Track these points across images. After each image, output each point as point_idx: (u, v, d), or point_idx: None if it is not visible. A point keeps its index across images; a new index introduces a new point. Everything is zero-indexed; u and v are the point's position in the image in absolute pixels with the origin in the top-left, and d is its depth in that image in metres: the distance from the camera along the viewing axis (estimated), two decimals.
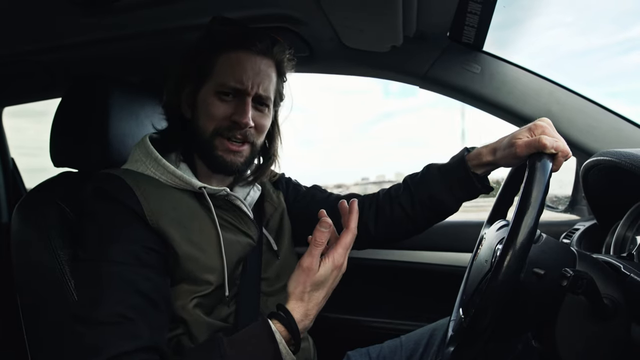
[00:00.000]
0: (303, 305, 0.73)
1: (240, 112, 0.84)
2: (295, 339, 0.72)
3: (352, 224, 0.77)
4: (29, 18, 1.03)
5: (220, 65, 0.85)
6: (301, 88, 1.12)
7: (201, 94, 0.87)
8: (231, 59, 0.85)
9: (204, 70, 0.86)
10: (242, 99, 0.85)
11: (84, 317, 0.68)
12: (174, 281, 0.78)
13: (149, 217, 0.76)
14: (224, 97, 0.85)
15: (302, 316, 0.73)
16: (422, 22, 1.12)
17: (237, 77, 0.84)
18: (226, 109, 0.85)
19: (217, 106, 0.85)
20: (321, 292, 0.74)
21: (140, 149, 0.86)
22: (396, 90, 14.86)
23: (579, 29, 5.12)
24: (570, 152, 0.76)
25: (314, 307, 0.74)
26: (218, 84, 0.85)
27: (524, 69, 1.22)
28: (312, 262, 0.73)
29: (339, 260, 0.75)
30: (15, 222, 0.92)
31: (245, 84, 0.85)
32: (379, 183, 3.51)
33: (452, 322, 0.85)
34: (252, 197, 0.96)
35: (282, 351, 0.70)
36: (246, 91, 0.85)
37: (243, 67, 0.85)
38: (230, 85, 0.84)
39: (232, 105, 0.85)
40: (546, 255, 0.67)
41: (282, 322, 0.72)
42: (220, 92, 0.85)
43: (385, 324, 1.48)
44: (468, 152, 0.91)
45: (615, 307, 0.61)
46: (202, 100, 0.86)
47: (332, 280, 0.75)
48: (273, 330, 0.70)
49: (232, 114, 0.85)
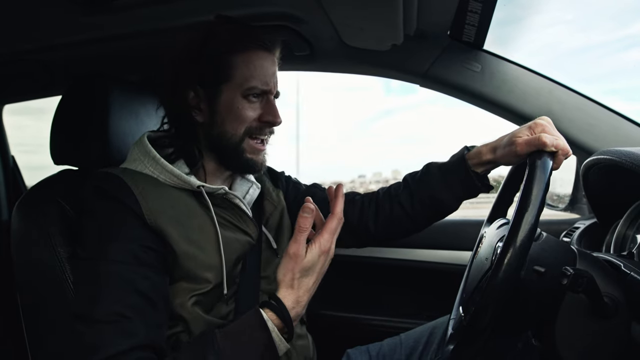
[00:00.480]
0: (294, 292, 0.73)
1: (271, 112, 0.86)
2: (288, 327, 0.72)
3: (337, 208, 0.76)
4: (28, 17, 1.02)
5: (241, 66, 0.83)
6: (300, 85, 1.12)
7: (224, 98, 0.84)
8: (251, 59, 0.84)
9: (220, 73, 0.83)
10: (267, 98, 0.87)
11: (82, 316, 0.68)
12: (173, 279, 0.78)
13: (148, 216, 0.76)
14: (252, 99, 0.85)
15: (293, 303, 0.73)
16: (423, 21, 1.12)
17: (262, 78, 0.84)
18: (255, 110, 0.85)
19: (246, 108, 0.84)
20: (310, 278, 0.74)
21: (139, 148, 0.86)
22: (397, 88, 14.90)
23: (579, 26, 5.13)
24: (570, 150, 0.76)
25: (304, 293, 0.74)
26: (245, 87, 0.83)
27: (525, 67, 1.22)
28: (299, 248, 0.72)
29: (326, 245, 0.74)
30: (15, 220, 0.92)
31: (270, 85, 0.86)
32: (375, 181, 3.52)
33: (452, 321, 0.85)
34: (251, 195, 0.96)
35: (275, 339, 0.70)
36: (270, 90, 0.86)
37: (264, 67, 0.85)
38: (258, 87, 0.84)
39: (259, 106, 0.86)
40: (546, 253, 0.67)
41: (273, 310, 0.72)
42: (248, 94, 0.84)
43: (385, 322, 1.49)
44: (468, 150, 0.91)
45: (615, 306, 0.62)
46: (226, 103, 0.84)
47: (321, 265, 0.75)
48: (265, 319, 0.70)
49: (261, 114, 0.86)
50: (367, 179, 3.54)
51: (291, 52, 1.25)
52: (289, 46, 1.22)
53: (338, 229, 0.76)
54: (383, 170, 6.66)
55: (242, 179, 0.97)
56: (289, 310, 0.72)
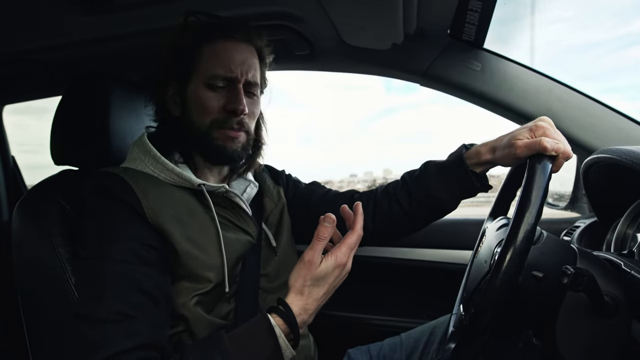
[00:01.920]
0: (302, 299, 0.73)
1: (235, 100, 0.85)
2: (295, 333, 0.72)
3: (357, 225, 0.76)
4: (28, 17, 1.03)
5: (206, 57, 0.85)
6: (298, 84, 1.12)
7: (190, 90, 0.86)
8: (216, 50, 0.85)
9: (189, 66, 0.86)
10: (233, 87, 0.86)
11: (85, 315, 0.68)
12: (174, 279, 0.78)
13: (149, 215, 0.76)
14: (215, 88, 0.85)
15: (300, 309, 0.72)
16: (423, 20, 1.12)
17: (225, 66, 0.84)
18: (219, 99, 0.85)
19: (209, 98, 0.85)
20: (321, 288, 0.74)
21: (139, 147, 0.86)
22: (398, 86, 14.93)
23: (578, 23, 5.09)
24: (571, 153, 0.74)
25: (313, 302, 0.74)
26: (208, 76, 0.84)
27: (525, 66, 1.22)
28: (314, 255, 0.72)
29: (342, 259, 0.74)
30: (15, 220, 0.92)
31: (235, 71, 0.85)
32: (363, 181, 3.51)
33: (453, 320, 0.85)
34: (249, 194, 0.96)
35: (282, 345, 0.70)
36: (237, 79, 0.85)
37: (230, 55, 0.85)
38: (221, 74, 0.84)
39: (224, 96, 0.85)
40: (545, 257, 0.67)
41: (281, 315, 0.72)
42: (211, 84, 0.85)
43: (385, 322, 1.49)
44: (466, 149, 0.91)
45: (615, 305, 0.61)
46: (192, 95, 0.86)
47: (334, 278, 0.74)
48: (272, 325, 0.70)
49: (226, 103, 0.85)
50: (357, 178, 3.53)
51: (291, 51, 1.25)
52: (289, 45, 1.22)
53: (356, 245, 0.76)
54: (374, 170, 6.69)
55: (239, 177, 0.97)
56: (296, 317, 0.72)
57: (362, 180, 3.72)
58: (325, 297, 0.75)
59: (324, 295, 0.74)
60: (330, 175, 1.26)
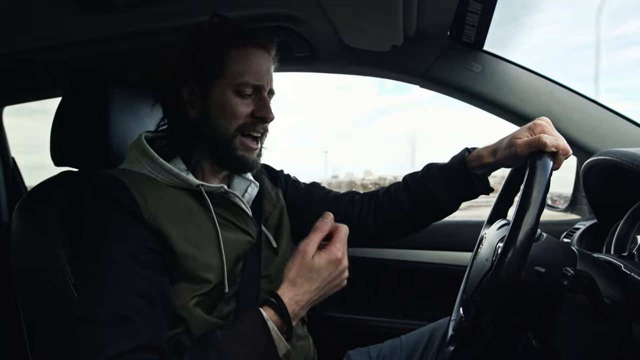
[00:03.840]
0: (294, 290, 0.74)
1: (264, 108, 0.86)
2: (287, 325, 0.73)
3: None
4: (29, 17, 1.03)
5: (233, 62, 0.84)
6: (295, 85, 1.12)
7: (216, 94, 0.85)
8: (244, 56, 0.85)
9: (214, 69, 0.85)
10: (260, 94, 0.87)
11: (83, 318, 0.68)
12: (173, 280, 0.78)
13: (147, 216, 0.76)
14: (245, 95, 0.85)
15: (291, 300, 0.73)
16: (423, 22, 1.12)
17: (255, 74, 0.85)
18: (247, 106, 0.86)
19: (239, 104, 0.85)
20: (314, 281, 0.74)
21: (136, 149, 0.86)
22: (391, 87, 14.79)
23: (573, 24, 5.08)
24: (570, 151, 0.76)
25: (304, 294, 0.74)
26: (237, 82, 0.84)
27: (525, 68, 1.23)
28: (309, 245, 0.74)
29: (336, 253, 0.75)
30: (15, 221, 0.92)
31: (262, 81, 0.86)
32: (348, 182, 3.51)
33: (453, 322, 0.84)
34: (250, 194, 0.96)
35: (275, 338, 0.71)
36: (263, 87, 0.87)
37: (259, 64, 0.86)
38: (251, 83, 0.85)
39: (251, 102, 0.86)
40: (547, 254, 0.67)
41: (273, 308, 0.72)
42: (240, 90, 0.85)
43: (385, 324, 1.48)
44: (469, 152, 0.91)
45: (615, 307, 0.61)
46: (218, 99, 0.85)
47: (328, 273, 0.75)
48: (265, 318, 0.71)
49: (255, 110, 0.86)
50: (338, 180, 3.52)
51: (291, 52, 1.25)
52: (289, 47, 1.22)
53: (346, 237, 0.78)
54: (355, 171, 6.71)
55: (240, 177, 0.97)
56: (287, 307, 0.73)
57: (344, 182, 3.71)
58: (319, 293, 0.76)
59: (316, 290, 0.75)
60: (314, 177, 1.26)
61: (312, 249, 0.74)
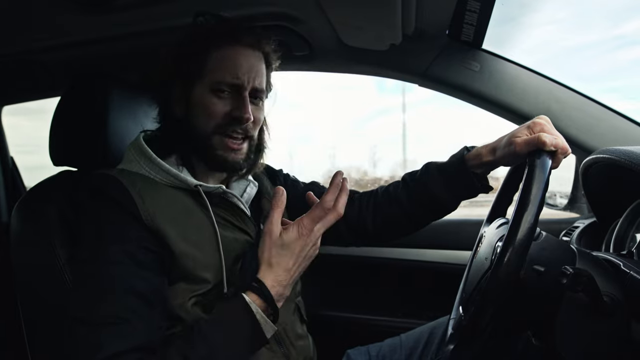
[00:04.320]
0: (273, 271, 0.76)
1: (240, 108, 0.84)
2: (272, 307, 0.74)
3: (326, 197, 0.80)
4: (29, 17, 1.02)
5: (213, 62, 0.84)
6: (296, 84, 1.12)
7: (195, 93, 0.85)
8: (224, 55, 0.84)
9: (195, 69, 0.84)
10: (239, 94, 0.85)
11: (80, 318, 0.68)
12: (172, 280, 0.78)
13: (145, 217, 0.75)
14: (221, 94, 0.84)
15: (273, 282, 0.75)
16: (421, 20, 1.12)
17: (232, 72, 0.84)
18: (224, 105, 0.84)
19: (214, 104, 0.84)
20: (288, 258, 0.76)
21: (134, 149, 0.85)
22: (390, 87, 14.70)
23: (572, 25, 5.06)
24: (569, 149, 0.76)
25: (283, 273, 0.76)
26: (214, 81, 0.84)
27: (524, 66, 1.22)
28: (272, 224, 0.77)
29: (304, 230, 0.77)
30: (14, 221, 0.92)
31: (241, 78, 0.84)
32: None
33: (452, 320, 0.85)
34: (249, 193, 0.96)
35: (260, 321, 0.72)
36: (243, 86, 0.85)
37: (237, 62, 0.84)
38: (227, 81, 0.83)
39: (229, 102, 0.85)
40: (546, 253, 0.67)
41: (255, 291, 0.74)
42: (217, 89, 0.84)
43: (385, 322, 1.49)
44: (468, 151, 0.91)
45: (614, 305, 0.62)
46: (197, 99, 0.85)
47: (300, 249, 0.76)
48: (248, 302, 0.72)
49: (231, 110, 0.84)
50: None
51: (290, 52, 1.25)
52: (288, 46, 1.22)
53: (326, 220, 0.78)
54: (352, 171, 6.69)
55: (239, 177, 0.97)
56: (270, 289, 0.74)
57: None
58: (296, 269, 0.77)
59: (294, 266, 0.77)
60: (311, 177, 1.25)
61: (276, 227, 0.77)
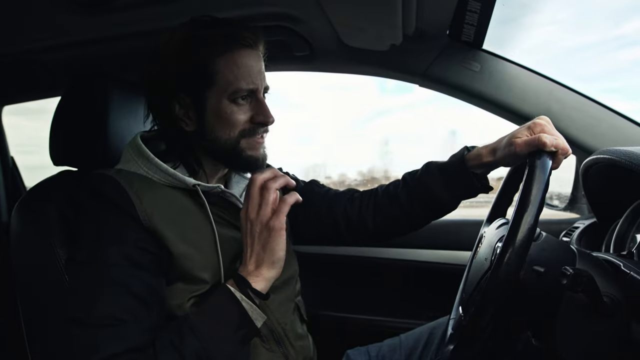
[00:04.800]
0: (246, 258, 0.78)
1: (263, 112, 0.83)
2: (252, 290, 0.75)
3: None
4: (29, 17, 1.02)
5: (224, 69, 0.80)
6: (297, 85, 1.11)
7: (210, 104, 0.82)
8: (234, 61, 0.81)
9: (203, 79, 0.81)
10: (255, 98, 0.84)
11: (78, 319, 0.68)
12: (170, 281, 0.78)
13: (143, 217, 0.75)
14: (239, 101, 0.82)
15: (243, 265, 0.78)
16: (422, 21, 1.12)
17: (246, 78, 0.81)
18: (245, 112, 0.83)
19: (235, 112, 0.82)
20: (244, 237, 0.79)
21: (132, 149, 0.84)
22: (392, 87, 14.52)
23: (572, 25, 5.06)
24: (569, 150, 0.76)
25: (249, 253, 0.78)
26: (230, 90, 0.80)
27: (524, 67, 1.22)
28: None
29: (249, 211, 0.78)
30: (14, 221, 0.92)
31: (256, 83, 0.82)
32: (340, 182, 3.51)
33: (452, 321, 0.85)
34: None
35: (246, 307, 0.73)
36: (258, 89, 0.83)
37: (249, 66, 0.82)
38: (244, 88, 0.81)
39: (248, 107, 0.83)
40: (546, 253, 0.67)
41: (234, 279, 0.76)
42: (235, 98, 0.81)
43: (384, 323, 1.48)
44: (468, 151, 0.91)
45: (615, 306, 0.61)
46: (213, 110, 0.82)
47: (250, 226, 0.78)
48: (232, 291, 0.73)
49: (254, 115, 0.83)
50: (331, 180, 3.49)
51: (291, 52, 1.25)
52: (288, 46, 1.22)
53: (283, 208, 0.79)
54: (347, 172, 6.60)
55: (238, 176, 0.96)
56: (241, 271, 0.77)
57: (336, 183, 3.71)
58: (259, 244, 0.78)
59: (257, 244, 0.78)
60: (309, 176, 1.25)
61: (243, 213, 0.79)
